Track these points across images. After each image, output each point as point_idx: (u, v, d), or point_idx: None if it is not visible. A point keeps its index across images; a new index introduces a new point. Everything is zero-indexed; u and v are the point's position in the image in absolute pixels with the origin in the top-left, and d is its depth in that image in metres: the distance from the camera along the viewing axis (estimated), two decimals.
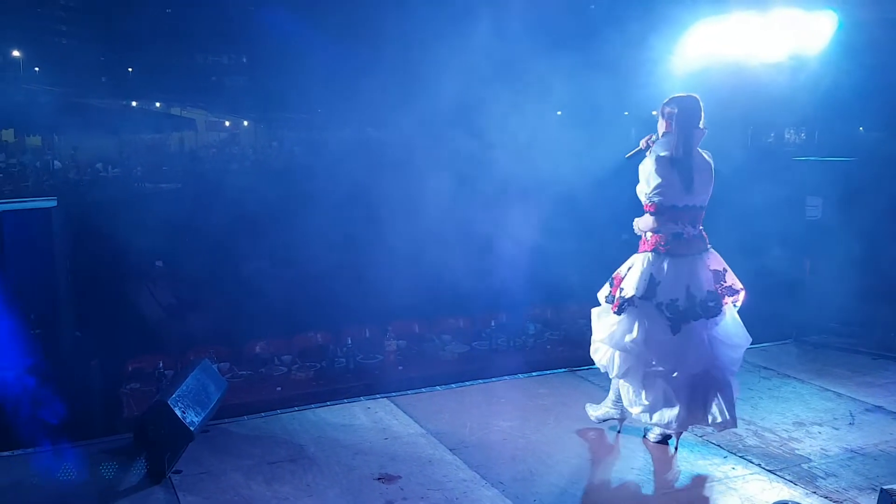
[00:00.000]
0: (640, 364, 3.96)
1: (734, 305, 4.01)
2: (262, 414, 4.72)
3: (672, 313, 3.82)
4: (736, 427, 4.00)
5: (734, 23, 7.42)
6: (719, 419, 3.91)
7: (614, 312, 3.97)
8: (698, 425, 4.09)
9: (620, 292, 3.97)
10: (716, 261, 4.00)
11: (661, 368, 3.90)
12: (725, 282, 3.96)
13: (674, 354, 3.87)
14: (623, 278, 4.01)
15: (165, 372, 5.83)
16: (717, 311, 3.87)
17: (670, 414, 3.93)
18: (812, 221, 6.46)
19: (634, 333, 3.89)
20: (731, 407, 3.92)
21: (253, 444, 4.27)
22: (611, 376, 4.15)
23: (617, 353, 4.02)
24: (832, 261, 6.25)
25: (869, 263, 6.22)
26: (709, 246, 4.02)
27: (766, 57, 7.90)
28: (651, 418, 4.00)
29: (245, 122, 33.72)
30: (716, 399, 3.92)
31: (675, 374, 3.89)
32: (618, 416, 4.30)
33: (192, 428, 3.92)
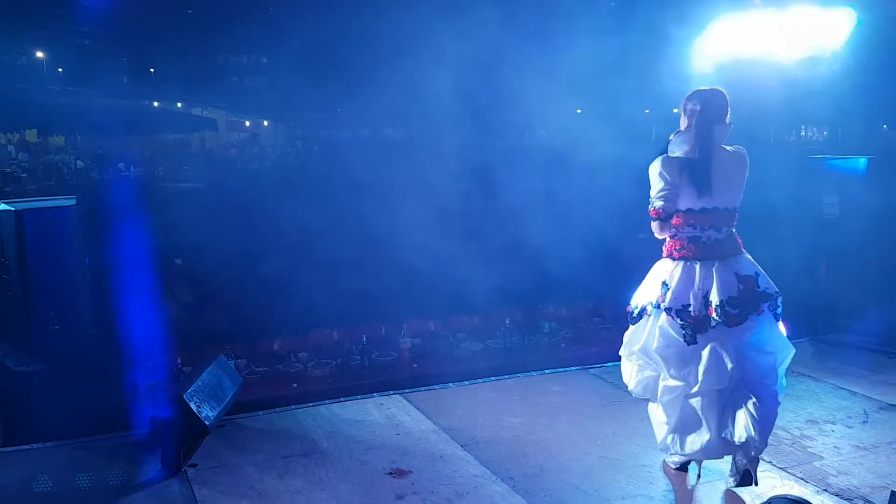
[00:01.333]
0: (657, 377, 3.74)
1: (772, 311, 3.65)
2: (277, 409, 4.79)
3: (683, 320, 3.57)
4: (765, 447, 3.54)
5: (753, 20, 7.40)
6: (743, 436, 3.48)
7: (629, 322, 3.82)
8: (729, 452, 3.66)
9: (633, 300, 3.81)
10: (747, 265, 3.66)
11: (680, 383, 3.62)
12: (759, 287, 3.61)
13: (692, 366, 3.57)
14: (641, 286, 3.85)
15: (183, 368, 5.91)
16: (741, 318, 3.53)
17: (699, 440, 3.61)
18: (829, 219, 6.41)
19: (652, 343, 3.66)
20: (758, 423, 3.47)
21: (267, 439, 4.34)
22: (629, 389, 3.94)
23: (634, 365, 3.86)
24: (849, 259, 6.20)
25: (886, 262, 6.18)
26: (742, 250, 3.69)
27: (786, 54, 7.87)
28: (677, 443, 3.69)
29: (265, 122, 33.98)
30: (743, 415, 3.50)
31: (696, 391, 3.58)
32: (697, 457, 3.81)
33: (207, 422, 3.99)
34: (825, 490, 3.75)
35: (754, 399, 3.51)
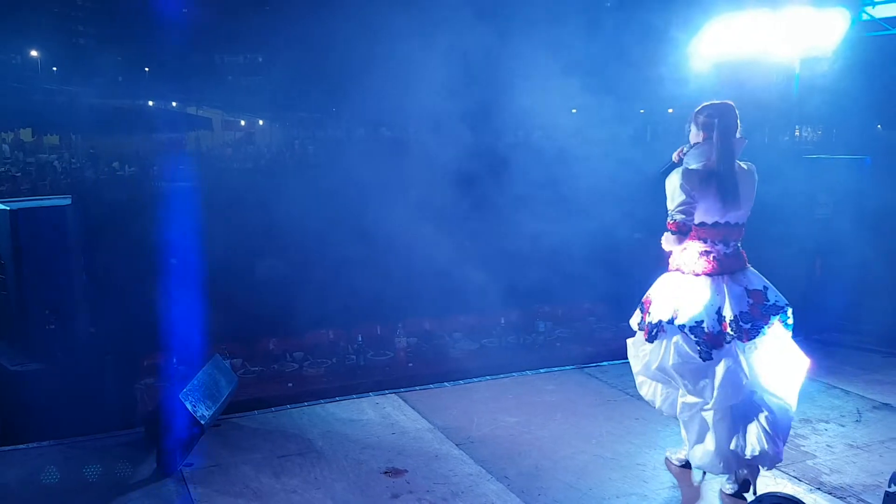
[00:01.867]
0: (676, 394, 3.75)
1: (783, 323, 3.64)
2: (273, 409, 4.80)
3: (698, 336, 3.56)
4: (780, 461, 3.58)
5: (748, 21, 7.44)
6: (757, 450, 3.49)
7: (646, 340, 3.77)
8: (740, 466, 3.65)
9: (648, 318, 3.78)
10: (755, 280, 3.67)
11: (698, 399, 3.62)
12: (768, 300, 3.62)
13: (708, 382, 3.55)
14: (652, 302, 3.80)
15: (179, 368, 5.92)
16: (753, 333, 3.55)
17: (710, 453, 3.61)
18: (823, 219, 6.43)
19: (668, 360, 3.63)
20: (771, 436, 3.51)
21: (263, 439, 4.34)
22: (657, 408, 3.95)
23: (658, 384, 3.86)
24: (843, 259, 6.23)
25: (880, 261, 6.21)
26: (748, 265, 3.70)
27: (781, 55, 7.91)
28: (694, 457, 3.72)
29: (260, 122, 33.94)
30: (755, 428, 3.53)
31: (709, 406, 3.57)
32: (707, 469, 3.80)
33: (203, 421, 3.99)
34: (818, 489, 3.77)
35: (766, 413, 3.53)
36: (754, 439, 3.52)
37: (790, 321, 3.66)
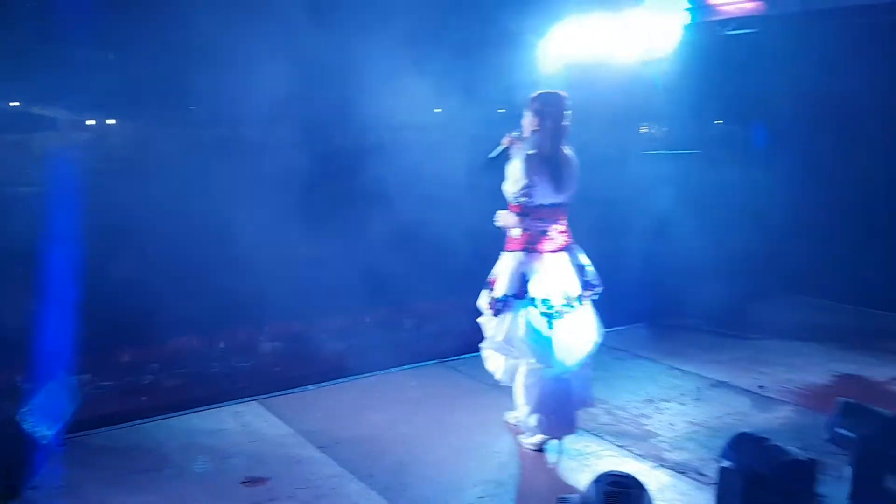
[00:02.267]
0: (519, 364, 4.05)
1: (592, 300, 4.15)
2: (125, 424, 4.60)
3: (548, 308, 3.91)
4: (594, 406, 4.34)
5: (592, 25, 7.78)
6: (587, 402, 4.19)
7: (492, 315, 4.04)
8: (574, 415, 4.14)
9: (493, 294, 4.05)
10: (580, 258, 4.10)
11: (540, 366, 3.95)
12: (586, 276, 4.10)
13: (552, 351, 3.93)
14: (496, 280, 4.08)
15: (23, 386, 5.56)
16: (581, 305, 4.03)
17: (559, 418, 4.00)
18: (661, 211, 6.85)
19: (517, 331, 3.93)
20: (591, 396, 4.23)
21: (115, 456, 4.16)
22: (497, 378, 4.25)
23: (500, 356, 4.14)
24: (680, 246, 6.66)
25: (714, 247, 6.68)
26: (573, 242, 4.11)
27: (625, 57, 8.33)
28: (543, 424, 4.00)
29: (111, 121, 32.27)
30: (585, 389, 4.17)
31: (555, 372, 3.95)
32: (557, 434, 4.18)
33: (46, 442, 3.79)
34: (661, 465, 4.03)
35: (585, 371, 4.12)
36: (586, 395, 4.12)
37: (594, 298, 4.16)
